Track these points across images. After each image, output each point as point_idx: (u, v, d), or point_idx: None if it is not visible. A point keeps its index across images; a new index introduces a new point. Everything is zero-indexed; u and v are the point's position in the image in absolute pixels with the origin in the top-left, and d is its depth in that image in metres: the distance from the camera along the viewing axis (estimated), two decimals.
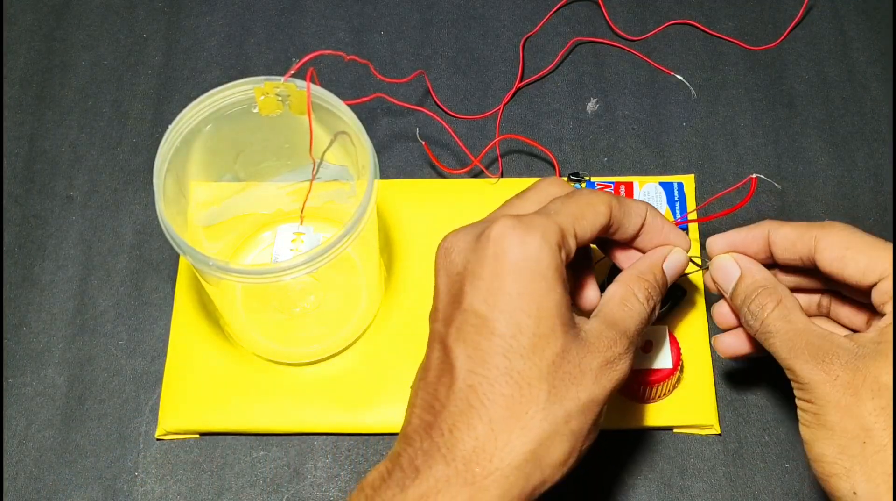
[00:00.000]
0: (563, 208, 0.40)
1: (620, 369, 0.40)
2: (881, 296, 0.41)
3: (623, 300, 0.42)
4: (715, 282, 0.46)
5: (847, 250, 0.41)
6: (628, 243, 0.45)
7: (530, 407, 0.36)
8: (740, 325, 0.47)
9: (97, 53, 0.64)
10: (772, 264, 0.45)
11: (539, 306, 0.37)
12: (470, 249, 0.39)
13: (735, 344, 0.47)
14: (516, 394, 0.36)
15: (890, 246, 0.41)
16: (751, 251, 0.45)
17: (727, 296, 0.46)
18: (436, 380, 0.38)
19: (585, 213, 0.40)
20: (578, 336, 0.39)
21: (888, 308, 0.40)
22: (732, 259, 0.45)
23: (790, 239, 0.43)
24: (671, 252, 0.45)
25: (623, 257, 0.45)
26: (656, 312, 0.44)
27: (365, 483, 0.37)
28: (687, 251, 0.45)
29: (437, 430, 0.36)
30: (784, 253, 0.44)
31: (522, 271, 0.37)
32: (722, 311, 0.47)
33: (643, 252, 0.45)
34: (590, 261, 0.45)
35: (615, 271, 0.46)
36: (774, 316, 0.42)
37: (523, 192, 0.44)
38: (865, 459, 0.37)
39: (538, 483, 0.36)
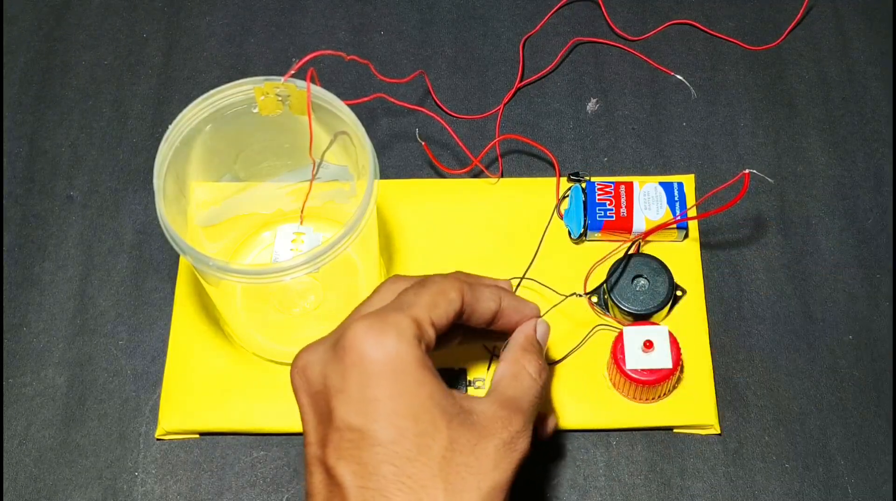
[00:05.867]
0: (415, 298, 0.39)
1: (520, 449, 0.39)
2: None
3: (515, 377, 0.41)
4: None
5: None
6: (487, 328, 0.44)
7: None
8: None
9: (97, 53, 0.64)
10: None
11: (412, 404, 0.36)
12: (327, 362, 0.38)
13: None
14: (413, 499, 0.35)
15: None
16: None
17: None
18: None
19: (438, 301, 0.40)
20: (468, 422, 0.38)
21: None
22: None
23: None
24: (537, 324, 0.45)
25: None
26: (548, 386, 0.43)
27: None
28: (539, 318, 0.45)
29: None
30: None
31: (386, 373, 0.36)
32: None
33: (507, 332, 0.44)
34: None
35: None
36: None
37: (371, 295, 0.42)
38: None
39: None
